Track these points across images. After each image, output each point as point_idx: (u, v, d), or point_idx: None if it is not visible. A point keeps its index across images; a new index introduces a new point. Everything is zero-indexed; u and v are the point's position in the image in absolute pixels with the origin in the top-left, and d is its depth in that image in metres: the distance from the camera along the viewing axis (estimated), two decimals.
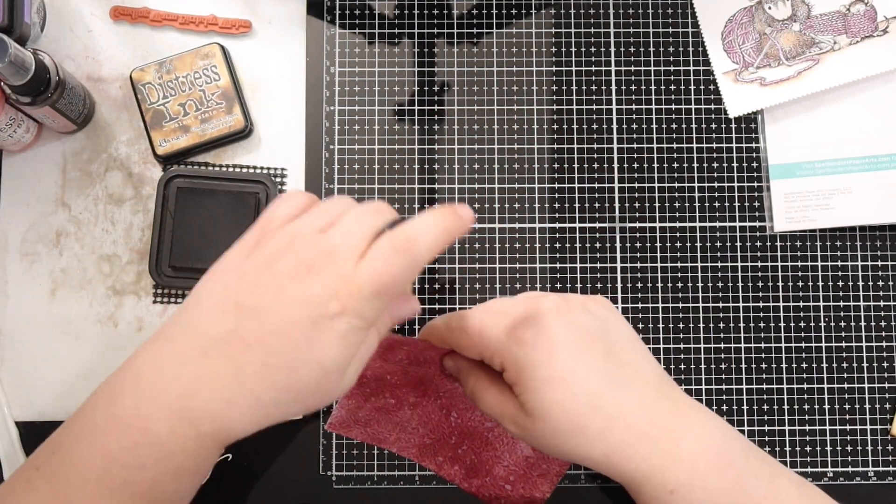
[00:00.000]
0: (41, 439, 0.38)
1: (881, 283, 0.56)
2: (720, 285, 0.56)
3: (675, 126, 0.57)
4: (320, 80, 0.57)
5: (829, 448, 0.54)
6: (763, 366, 0.55)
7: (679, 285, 0.56)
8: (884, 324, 0.55)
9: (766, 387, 0.55)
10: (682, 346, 0.55)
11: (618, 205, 0.56)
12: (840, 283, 0.56)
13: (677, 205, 0.56)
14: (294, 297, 0.34)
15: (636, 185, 0.57)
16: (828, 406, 0.55)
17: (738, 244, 0.56)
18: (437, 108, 0.57)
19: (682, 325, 0.55)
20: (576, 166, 0.57)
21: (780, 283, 0.56)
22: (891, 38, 0.56)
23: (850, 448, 0.54)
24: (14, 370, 0.54)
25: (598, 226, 0.56)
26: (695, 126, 0.57)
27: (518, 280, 0.56)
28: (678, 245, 0.56)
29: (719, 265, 0.56)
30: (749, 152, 0.57)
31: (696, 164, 0.57)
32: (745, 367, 0.55)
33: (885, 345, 0.55)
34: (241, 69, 0.57)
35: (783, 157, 0.57)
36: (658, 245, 0.56)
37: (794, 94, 0.56)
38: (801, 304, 0.56)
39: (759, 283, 0.56)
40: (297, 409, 0.36)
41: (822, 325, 0.55)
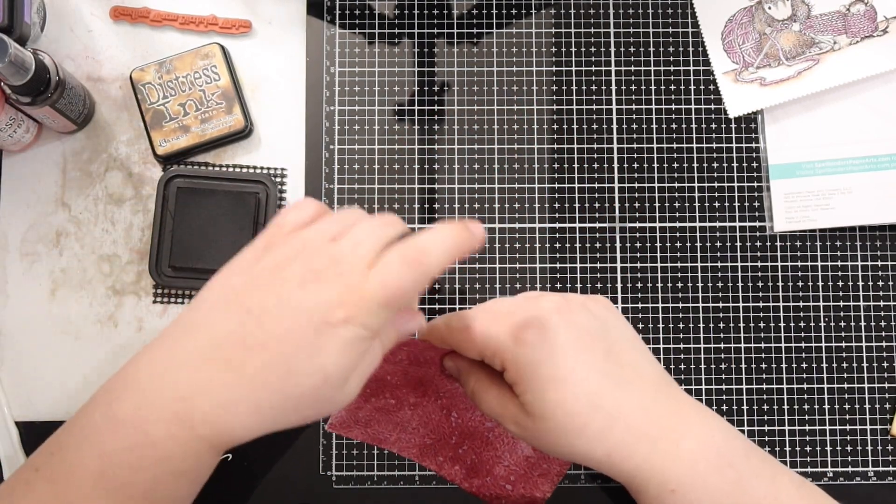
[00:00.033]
0: (41, 439, 0.38)
1: (881, 283, 0.56)
2: (720, 285, 0.56)
3: (675, 126, 0.57)
4: (320, 80, 0.57)
5: (829, 448, 0.54)
6: (763, 366, 0.55)
7: (679, 285, 0.56)
8: (884, 324, 0.55)
9: (766, 387, 0.55)
10: (682, 346, 0.55)
11: (618, 205, 0.56)
12: (840, 283, 0.56)
13: (677, 205, 0.56)
14: (300, 303, 0.34)
15: (636, 185, 0.57)
16: (828, 406, 0.55)
17: (738, 244, 0.56)
18: (437, 108, 0.57)
19: (682, 325, 0.55)
20: (576, 166, 0.57)
21: (780, 283, 0.56)
22: (891, 38, 0.56)
23: (850, 448, 0.54)
24: (14, 370, 0.54)
25: (598, 226, 0.56)
26: (695, 126, 0.57)
27: (518, 280, 0.56)
28: (678, 245, 0.56)
29: (719, 265, 0.56)
30: (749, 152, 0.57)
31: (696, 164, 0.57)
32: (745, 367, 0.55)
33: (885, 345, 0.55)
34: (241, 69, 0.57)
35: (783, 157, 0.57)
36: (658, 245, 0.56)
37: (794, 94, 0.56)
38: (801, 304, 0.56)
39: (759, 283, 0.56)
40: (297, 418, 0.36)
41: (822, 325, 0.55)
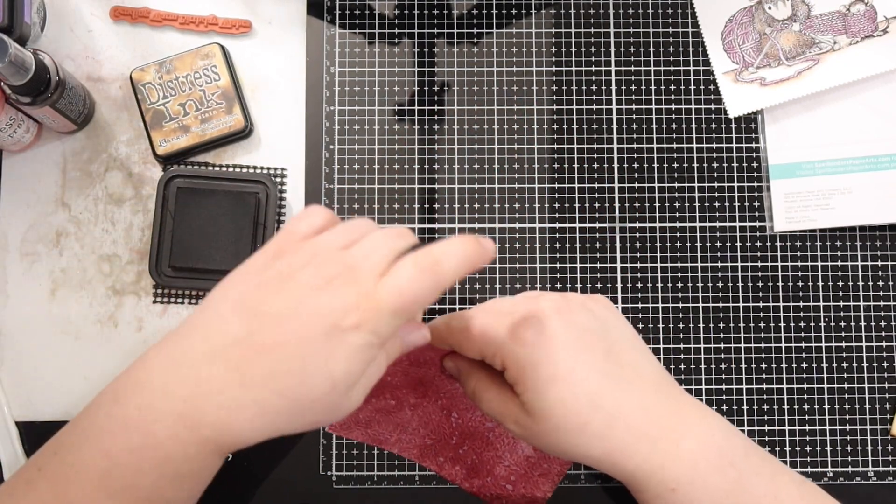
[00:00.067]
0: (41, 439, 0.38)
1: (881, 283, 0.56)
2: (720, 285, 0.56)
3: (675, 126, 0.57)
4: (320, 80, 0.57)
5: (829, 448, 0.54)
6: (763, 366, 0.55)
7: (679, 285, 0.56)
8: (884, 324, 0.55)
9: (766, 387, 0.55)
10: (682, 346, 0.55)
11: (618, 205, 0.56)
12: (840, 283, 0.56)
13: (677, 205, 0.56)
14: (311, 308, 0.34)
15: (636, 185, 0.57)
16: (828, 406, 0.55)
17: (738, 244, 0.56)
18: (437, 108, 0.57)
19: (682, 325, 0.55)
20: (576, 166, 0.57)
21: (780, 283, 0.56)
22: (891, 38, 0.56)
23: (850, 448, 0.54)
24: (14, 370, 0.54)
25: (598, 226, 0.56)
26: (695, 126, 0.57)
27: (518, 280, 0.56)
28: (678, 245, 0.56)
29: (719, 265, 0.56)
30: (749, 152, 0.57)
31: (696, 164, 0.57)
32: (745, 367, 0.55)
33: (885, 345, 0.55)
34: (241, 69, 0.57)
35: (783, 157, 0.57)
36: (658, 245, 0.56)
37: (794, 94, 0.56)
38: (801, 304, 0.56)
39: (759, 283, 0.56)
40: (300, 424, 0.36)
41: (822, 325, 0.55)
